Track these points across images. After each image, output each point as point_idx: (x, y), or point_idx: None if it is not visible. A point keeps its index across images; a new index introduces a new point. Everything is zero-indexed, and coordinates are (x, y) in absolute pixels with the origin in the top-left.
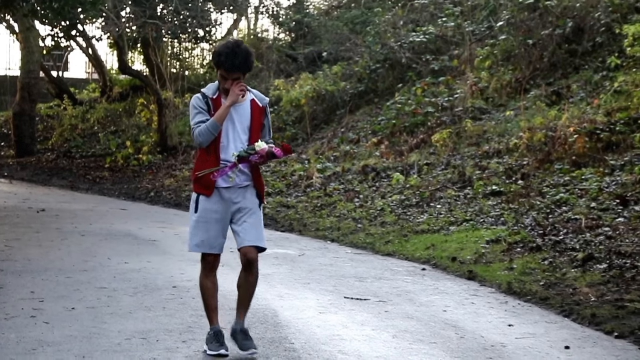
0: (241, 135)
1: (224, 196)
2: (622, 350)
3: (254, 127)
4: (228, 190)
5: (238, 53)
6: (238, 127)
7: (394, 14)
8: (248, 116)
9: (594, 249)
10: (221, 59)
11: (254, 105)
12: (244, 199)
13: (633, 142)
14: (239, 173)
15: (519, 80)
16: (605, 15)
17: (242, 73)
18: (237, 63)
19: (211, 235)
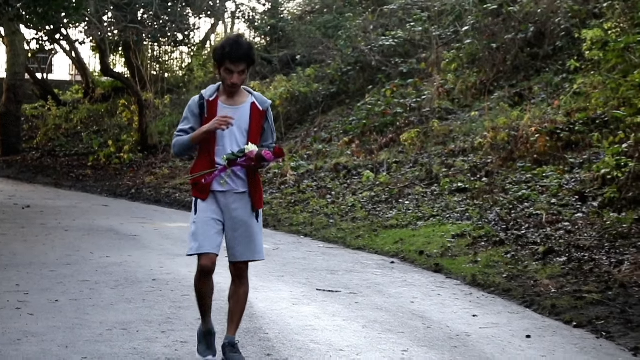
0: (239, 139)
1: (219, 200)
2: (580, 339)
3: (253, 130)
4: (224, 195)
5: (242, 43)
6: (236, 130)
7: (365, 19)
8: (247, 119)
9: (554, 243)
10: (226, 50)
11: (254, 108)
12: (240, 208)
13: (591, 142)
14: (234, 178)
15: (483, 83)
16: (565, 20)
17: (247, 64)
18: (242, 53)
19: (209, 235)
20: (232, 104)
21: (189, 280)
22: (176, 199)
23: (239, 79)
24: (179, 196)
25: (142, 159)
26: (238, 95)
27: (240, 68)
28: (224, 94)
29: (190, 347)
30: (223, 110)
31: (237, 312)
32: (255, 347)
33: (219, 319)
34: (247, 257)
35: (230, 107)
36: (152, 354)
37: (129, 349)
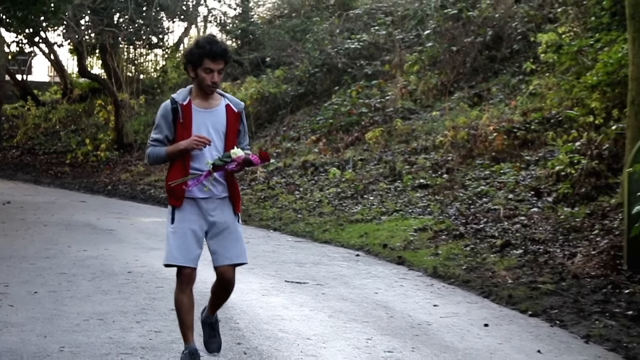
0: (217, 143)
1: (201, 207)
2: (535, 327)
3: (230, 133)
4: (205, 201)
5: (218, 42)
6: (213, 133)
7: (331, 23)
8: (223, 122)
9: (511, 236)
10: (206, 48)
11: (229, 110)
12: (221, 213)
13: (546, 140)
14: (215, 183)
15: (444, 84)
16: (522, 25)
17: (224, 62)
18: (221, 50)
19: (188, 246)
20: (206, 107)
21: (163, 273)
22: (151, 195)
23: (219, 78)
24: (153, 192)
25: (118, 157)
26: (212, 97)
27: (220, 66)
28: (197, 97)
29: (164, 336)
30: (198, 114)
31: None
32: (226, 336)
33: None
34: (232, 260)
35: (205, 110)
36: (127, 343)
37: (105, 339)
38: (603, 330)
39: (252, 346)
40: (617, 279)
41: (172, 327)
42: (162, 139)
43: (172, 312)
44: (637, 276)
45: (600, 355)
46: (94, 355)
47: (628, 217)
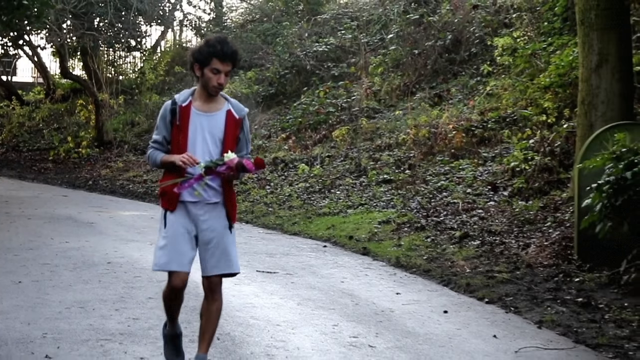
0: (211, 148)
1: (190, 211)
2: (491, 313)
3: (227, 139)
4: (195, 206)
5: (230, 42)
6: (208, 138)
7: (300, 27)
8: (222, 127)
9: (469, 228)
10: (216, 48)
11: (230, 116)
12: (212, 219)
13: (502, 138)
14: (206, 187)
15: (406, 85)
16: (479, 29)
17: (233, 65)
18: (232, 51)
19: (181, 250)
20: (206, 111)
21: (141, 263)
22: (129, 190)
23: (225, 80)
24: (132, 187)
25: (99, 154)
26: (214, 101)
27: (228, 68)
28: (199, 99)
29: (141, 323)
30: (196, 117)
31: (209, 330)
32: (199, 323)
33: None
34: (220, 270)
35: (204, 113)
36: (107, 330)
37: (86, 325)
38: (555, 316)
39: (225, 332)
40: (568, 268)
41: (149, 314)
42: (161, 140)
43: (150, 300)
44: (587, 265)
45: (552, 340)
46: (75, 341)
47: (578, 210)
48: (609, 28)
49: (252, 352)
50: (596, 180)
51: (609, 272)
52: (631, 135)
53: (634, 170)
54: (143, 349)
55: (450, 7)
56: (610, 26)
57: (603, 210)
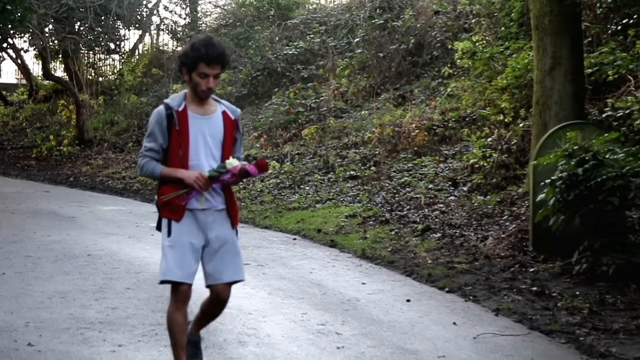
0: (214, 152)
1: (199, 219)
2: (451, 302)
3: (227, 142)
4: (204, 213)
5: (216, 44)
6: (210, 142)
7: (271, 31)
8: (221, 130)
9: (431, 221)
10: (201, 52)
11: (226, 117)
12: (220, 226)
13: (462, 136)
14: (213, 194)
15: (372, 86)
16: (441, 34)
17: (221, 66)
18: (218, 53)
19: (187, 262)
20: (203, 114)
21: (119, 255)
22: (109, 186)
23: (214, 83)
24: (111, 183)
25: (79, 152)
26: (207, 103)
27: (216, 71)
28: (192, 102)
29: (120, 312)
30: (195, 120)
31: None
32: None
33: None
34: (230, 277)
35: (202, 116)
36: (87, 319)
37: (67, 315)
38: (511, 304)
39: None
40: (524, 259)
41: (127, 304)
42: (157, 149)
43: (128, 290)
44: (541, 256)
45: (508, 326)
46: (56, 330)
47: (533, 204)
48: (561, 33)
49: (225, 339)
50: (550, 176)
51: (561, 262)
52: (582, 133)
53: (585, 166)
54: (121, 337)
55: (413, 12)
56: (563, 31)
57: (556, 205)
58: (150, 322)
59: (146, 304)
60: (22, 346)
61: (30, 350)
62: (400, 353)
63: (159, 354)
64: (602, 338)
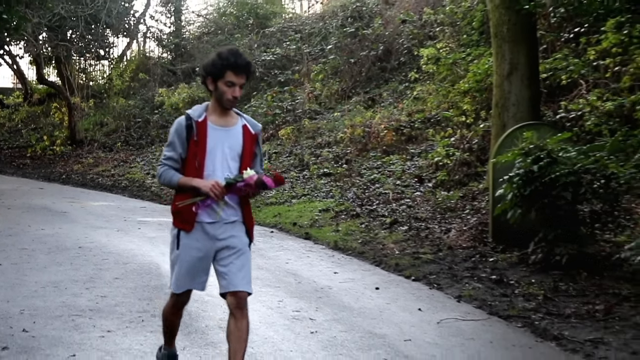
0: (230, 163)
1: (208, 232)
2: (417, 289)
3: (246, 155)
4: (213, 226)
5: (242, 54)
6: (228, 154)
7: (250, 39)
8: (240, 143)
9: (398, 215)
10: (230, 60)
11: (246, 131)
12: (232, 237)
13: (427, 136)
14: (225, 207)
15: (344, 90)
16: (407, 41)
17: (246, 77)
18: (245, 63)
19: (196, 273)
20: (223, 125)
21: (108, 248)
22: (99, 183)
23: (240, 93)
24: (101, 180)
25: (71, 151)
26: (229, 115)
27: (242, 81)
28: (213, 113)
29: (109, 300)
30: (214, 132)
31: (241, 350)
32: (160, 300)
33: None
34: (244, 286)
35: (222, 128)
36: (78, 306)
37: (59, 303)
38: (472, 292)
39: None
40: (484, 250)
41: (116, 292)
42: (176, 158)
43: (116, 280)
44: (500, 247)
45: (470, 312)
46: (49, 317)
47: (492, 199)
48: (518, 40)
49: (207, 325)
50: (508, 173)
51: (518, 252)
52: (538, 133)
53: (540, 164)
54: (110, 323)
55: (381, 21)
56: (520, 39)
57: (514, 199)
58: (137, 309)
59: (133, 292)
60: (17, 332)
61: (25, 335)
62: (369, 337)
63: (145, 339)
64: (555, 322)
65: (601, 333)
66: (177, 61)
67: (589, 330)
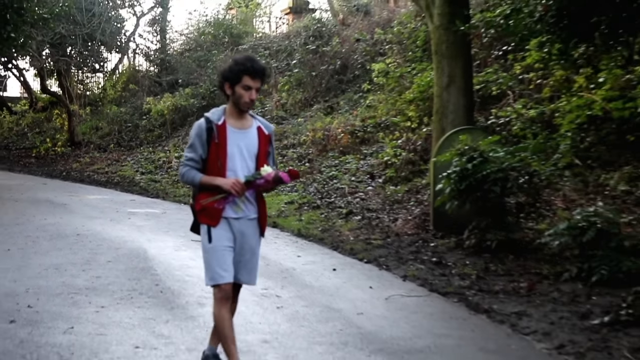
0: (249, 163)
1: (234, 226)
2: (368, 270)
3: (261, 155)
4: (238, 222)
5: (257, 60)
6: (246, 154)
7: (226, 54)
8: (256, 144)
9: (353, 206)
10: (247, 65)
11: (261, 132)
12: (250, 235)
13: (378, 138)
14: (247, 203)
15: (306, 99)
16: (361, 57)
17: (262, 81)
18: (261, 68)
19: (227, 263)
20: (240, 128)
21: (102, 235)
22: (94, 179)
23: (256, 96)
24: (96, 177)
25: (71, 152)
26: (245, 118)
27: (258, 85)
28: (231, 116)
29: (102, 280)
30: (233, 134)
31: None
32: (147, 279)
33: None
34: (246, 281)
35: (239, 130)
36: (75, 285)
37: (59, 282)
38: (415, 272)
39: (167, 286)
40: (426, 236)
41: (108, 273)
42: (198, 159)
43: (109, 262)
44: (439, 234)
45: (413, 289)
46: (51, 295)
47: (433, 192)
48: (455, 57)
49: (187, 301)
50: (446, 170)
51: (455, 238)
52: (472, 136)
53: (473, 163)
54: (103, 300)
55: (339, 40)
56: (457, 55)
57: (451, 193)
58: (127, 288)
59: (124, 273)
60: (23, 308)
61: (29, 311)
62: (327, 311)
63: (134, 314)
64: (486, 298)
65: (524, 306)
66: (163, 74)
67: (514, 304)
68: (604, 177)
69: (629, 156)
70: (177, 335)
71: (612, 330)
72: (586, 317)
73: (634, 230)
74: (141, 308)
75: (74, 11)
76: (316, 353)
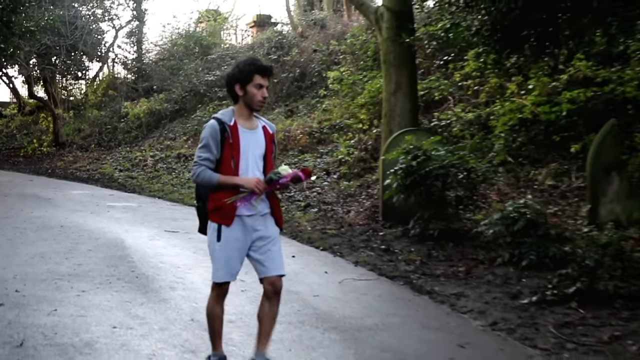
0: (258, 161)
1: (246, 224)
2: (324, 257)
3: (268, 153)
4: (251, 218)
5: (261, 60)
6: (256, 154)
7: (196, 63)
8: (263, 143)
9: (311, 200)
10: (257, 64)
11: (266, 131)
12: (266, 228)
13: (333, 139)
14: (260, 201)
15: (269, 103)
16: (318, 66)
17: (269, 79)
18: (269, 66)
19: (233, 263)
20: (249, 128)
21: (84, 226)
22: (77, 176)
23: (266, 94)
24: (79, 174)
25: (55, 151)
26: (251, 118)
27: (267, 82)
28: (240, 117)
29: (84, 267)
30: (244, 134)
31: (271, 328)
32: (124, 266)
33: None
34: (281, 270)
35: (249, 130)
36: (59, 272)
37: (44, 269)
38: (366, 258)
39: (142, 272)
40: (375, 226)
41: (89, 261)
42: (212, 159)
43: (90, 251)
44: (388, 224)
45: (364, 274)
46: (36, 280)
47: (382, 187)
48: (402, 65)
49: (160, 285)
50: (394, 167)
51: (402, 228)
52: (416, 137)
53: (417, 160)
54: (84, 285)
55: (298, 51)
56: (403, 64)
57: (398, 187)
58: (106, 274)
59: (103, 261)
60: (11, 292)
61: (17, 295)
62: (286, 294)
63: (112, 297)
64: (428, 281)
65: (462, 288)
66: (139, 81)
67: (454, 286)
68: (533, 173)
69: (555, 154)
70: (151, 316)
71: (539, 309)
72: (516, 297)
73: (559, 220)
74: (118, 292)
75: (58, 24)
76: (276, 332)
